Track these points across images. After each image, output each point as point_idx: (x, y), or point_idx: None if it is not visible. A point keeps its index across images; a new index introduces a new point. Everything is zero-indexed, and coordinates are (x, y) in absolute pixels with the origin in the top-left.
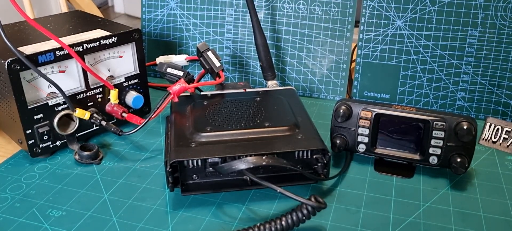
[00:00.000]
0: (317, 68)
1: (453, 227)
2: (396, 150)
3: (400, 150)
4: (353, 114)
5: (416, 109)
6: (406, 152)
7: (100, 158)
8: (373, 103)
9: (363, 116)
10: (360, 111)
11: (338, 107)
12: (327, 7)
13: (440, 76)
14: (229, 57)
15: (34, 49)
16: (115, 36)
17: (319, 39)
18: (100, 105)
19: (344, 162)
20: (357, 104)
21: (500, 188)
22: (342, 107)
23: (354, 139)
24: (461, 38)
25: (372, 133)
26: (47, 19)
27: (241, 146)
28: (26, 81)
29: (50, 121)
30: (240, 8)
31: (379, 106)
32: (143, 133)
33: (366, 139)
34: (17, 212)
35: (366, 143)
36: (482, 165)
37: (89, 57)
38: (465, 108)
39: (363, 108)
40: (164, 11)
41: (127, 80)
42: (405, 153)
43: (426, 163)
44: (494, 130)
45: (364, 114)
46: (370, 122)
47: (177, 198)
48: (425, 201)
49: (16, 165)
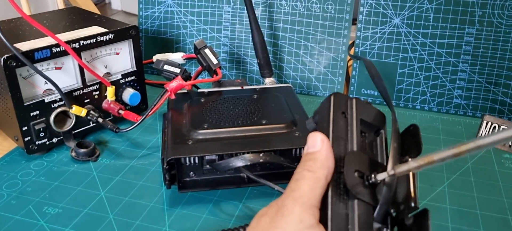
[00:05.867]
0: (315, 66)
1: (449, 225)
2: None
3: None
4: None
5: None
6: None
7: (96, 155)
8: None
9: None
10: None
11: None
12: (324, 4)
13: (437, 74)
14: (227, 54)
15: (30, 46)
16: (112, 33)
17: (316, 37)
18: (97, 102)
19: None
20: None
21: (496, 186)
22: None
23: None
24: (458, 36)
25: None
26: (43, 15)
27: (238, 143)
28: (22, 78)
29: (46, 117)
30: (238, 5)
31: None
32: (140, 130)
33: None
34: (13, 209)
35: None
36: (479, 163)
37: (85, 54)
38: (462, 106)
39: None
40: (161, 8)
41: (124, 77)
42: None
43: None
44: (490, 128)
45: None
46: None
47: (174, 196)
48: (422, 199)
49: (12, 162)
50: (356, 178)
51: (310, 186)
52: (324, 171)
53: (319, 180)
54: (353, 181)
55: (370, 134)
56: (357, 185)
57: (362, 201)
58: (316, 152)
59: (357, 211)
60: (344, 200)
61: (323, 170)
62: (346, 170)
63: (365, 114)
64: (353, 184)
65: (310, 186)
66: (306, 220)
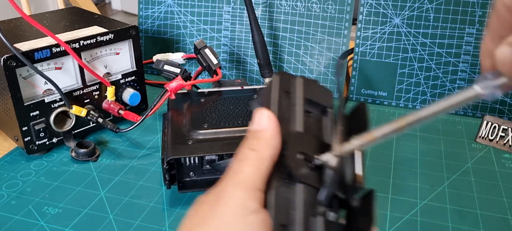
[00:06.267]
0: (315, 66)
1: (449, 225)
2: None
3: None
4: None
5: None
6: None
7: (96, 155)
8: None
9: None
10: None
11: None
12: (324, 4)
13: (437, 74)
14: (227, 54)
15: (30, 46)
16: (112, 33)
17: (316, 37)
18: (97, 102)
19: None
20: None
21: (496, 186)
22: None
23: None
24: (459, 36)
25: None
26: (43, 15)
27: (238, 143)
28: (22, 78)
29: (46, 117)
30: (238, 5)
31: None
32: (140, 130)
33: None
34: (13, 209)
35: None
36: (479, 163)
37: (85, 54)
38: (462, 106)
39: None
40: (161, 8)
41: (124, 77)
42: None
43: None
44: (491, 128)
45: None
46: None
47: (174, 196)
48: (422, 199)
49: (12, 162)
50: (299, 160)
51: (254, 167)
52: (269, 151)
53: (264, 160)
54: (296, 164)
55: (317, 114)
56: (300, 168)
57: (307, 184)
58: (262, 130)
59: (301, 195)
60: (287, 183)
61: (269, 150)
62: (289, 152)
63: (311, 93)
64: (296, 166)
65: (254, 166)
66: (248, 205)
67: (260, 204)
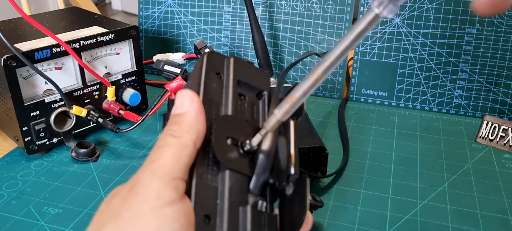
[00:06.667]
0: (315, 66)
1: (450, 225)
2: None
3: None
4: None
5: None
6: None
7: (97, 155)
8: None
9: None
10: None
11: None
12: (325, 4)
13: (437, 74)
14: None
15: (30, 46)
16: (112, 33)
17: (316, 37)
18: (97, 102)
19: (342, 159)
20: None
21: (497, 186)
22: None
23: None
24: (459, 36)
25: None
26: (43, 15)
27: None
28: (22, 78)
29: (46, 118)
30: (238, 5)
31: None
32: (140, 130)
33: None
34: (13, 209)
35: None
36: (479, 163)
37: (86, 54)
38: (462, 106)
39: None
40: (161, 8)
41: (124, 78)
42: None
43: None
44: (491, 128)
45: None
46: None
47: None
48: (422, 199)
49: (12, 162)
50: (228, 146)
51: (174, 155)
52: (191, 136)
53: (185, 147)
54: (223, 149)
55: (252, 97)
56: (228, 154)
57: (236, 172)
58: (184, 113)
59: (229, 183)
60: (213, 171)
61: (191, 135)
62: (216, 137)
63: (245, 75)
64: (224, 152)
65: (173, 154)
66: (165, 195)
67: (179, 194)
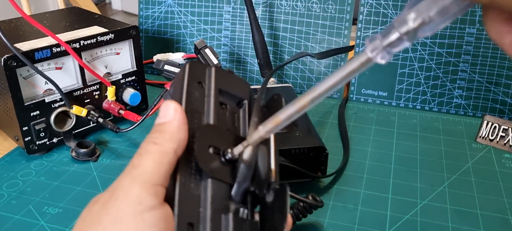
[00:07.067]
0: (315, 66)
1: (450, 225)
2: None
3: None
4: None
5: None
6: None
7: (97, 155)
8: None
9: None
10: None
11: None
12: (325, 4)
13: (437, 74)
14: (227, 54)
15: (30, 46)
16: (112, 33)
17: (316, 37)
18: (97, 102)
19: (342, 159)
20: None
21: (497, 186)
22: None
23: None
24: (459, 36)
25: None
26: (44, 15)
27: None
28: (23, 78)
29: (46, 117)
30: (238, 5)
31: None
32: (140, 130)
33: None
34: (13, 209)
35: None
36: (479, 163)
37: (86, 54)
38: (463, 106)
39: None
40: (161, 8)
41: (124, 77)
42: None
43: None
44: (491, 128)
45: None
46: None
47: None
48: (422, 198)
49: (12, 162)
50: (210, 155)
51: (155, 162)
52: (172, 144)
53: (166, 154)
54: (206, 158)
55: (232, 106)
56: (210, 162)
57: (217, 180)
58: (167, 123)
59: (211, 191)
60: (196, 179)
61: (172, 143)
62: (198, 146)
63: (226, 84)
64: (206, 161)
65: (154, 161)
66: (146, 200)
67: (159, 200)
